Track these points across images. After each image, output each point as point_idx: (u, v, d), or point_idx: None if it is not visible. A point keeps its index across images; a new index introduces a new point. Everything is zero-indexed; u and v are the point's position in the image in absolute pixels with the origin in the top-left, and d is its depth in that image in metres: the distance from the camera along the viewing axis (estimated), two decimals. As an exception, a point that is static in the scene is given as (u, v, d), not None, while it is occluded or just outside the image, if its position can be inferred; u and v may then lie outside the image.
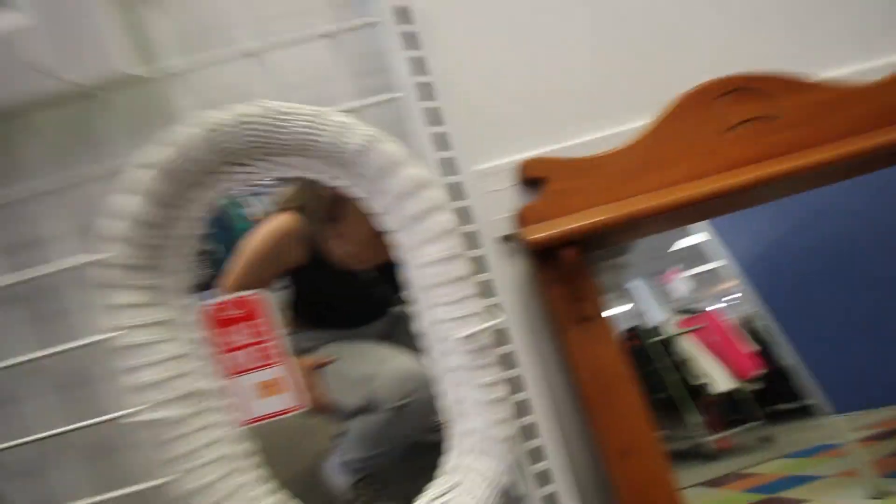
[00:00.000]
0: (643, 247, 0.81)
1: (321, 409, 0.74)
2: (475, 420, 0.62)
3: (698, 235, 0.81)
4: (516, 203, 0.74)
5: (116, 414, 0.66)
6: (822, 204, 0.73)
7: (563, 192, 0.72)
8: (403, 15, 0.63)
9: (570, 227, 0.63)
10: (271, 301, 0.62)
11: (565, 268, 0.65)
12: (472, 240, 0.64)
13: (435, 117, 0.63)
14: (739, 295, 0.71)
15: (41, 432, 0.67)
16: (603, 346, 0.68)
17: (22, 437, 0.66)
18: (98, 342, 0.66)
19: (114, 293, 0.56)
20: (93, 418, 0.67)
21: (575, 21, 0.80)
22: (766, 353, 0.69)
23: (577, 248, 0.65)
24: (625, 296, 0.72)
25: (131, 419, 0.58)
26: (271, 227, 0.86)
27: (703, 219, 0.73)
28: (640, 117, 0.78)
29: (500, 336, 0.63)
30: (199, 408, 0.61)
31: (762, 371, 0.69)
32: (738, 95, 0.76)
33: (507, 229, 0.72)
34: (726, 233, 0.76)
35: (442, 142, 0.63)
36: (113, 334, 0.57)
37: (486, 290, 0.63)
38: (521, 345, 0.66)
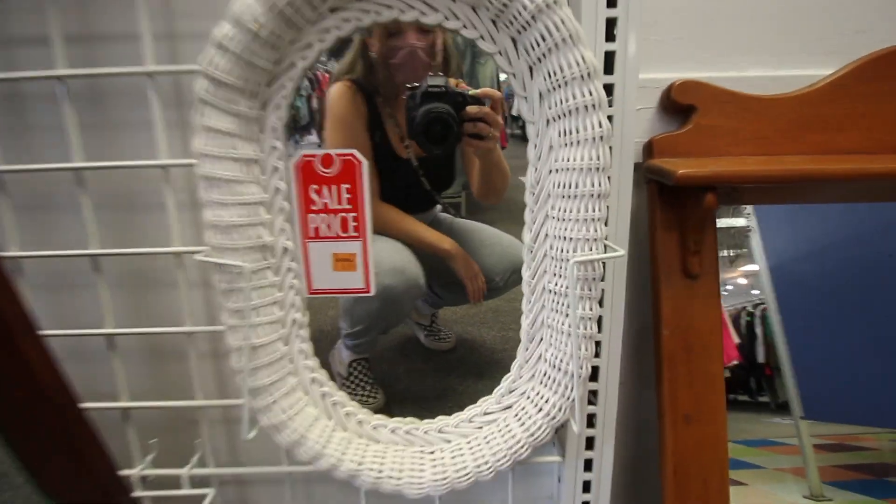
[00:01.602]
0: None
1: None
2: (550, 349, 0.58)
3: (739, 219, 0.74)
4: (654, 128, 0.65)
5: (172, 249, 0.62)
6: (878, 220, 0.67)
7: (712, 130, 0.63)
8: None
9: (728, 169, 0.55)
10: (366, 168, 0.55)
11: (700, 214, 0.59)
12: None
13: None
14: (748, 283, 0.68)
15: (76, 249, 0.64)
16: (702, 308, 0.63)
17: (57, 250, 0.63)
18: (170, 166, 0.60)
19: (208, 112, 0.49)
20: (134, 247, 0.64)
21: None
22: (749, 347, 0.67)
23: (717, 194, 0.57)
24: (738, 261, 0.66)
25: (194, 256, 0.54)
26: (337, 93, 0.82)
27: (858, 200, 0.65)
28: (818, 66, 0.66)
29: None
30: (268, 263, 0.57)
31: (735, 362, 0.68)
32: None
33: (636, 156, 0.64)
34: (767, 221, 0.69)
35: (610, 32, 0.53)
36: (196, 161, 0.51)
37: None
38: (612, 282, 0.61)
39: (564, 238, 0.53)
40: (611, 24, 0.54)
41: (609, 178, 0.51)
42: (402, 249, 0.96)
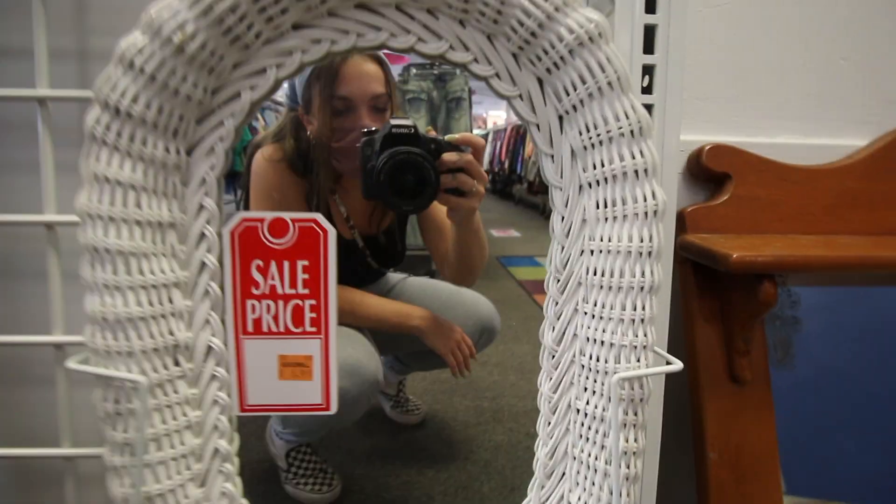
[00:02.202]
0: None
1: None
2: (577, 490, 0.43)
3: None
4: (680, 197, 0.55)
5: (51, 339, 0.44)
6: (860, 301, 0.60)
7: (752, 202, 0.53)
8: None
9: (795, 254, 0.45)
10: (333, 239, 0.40)
11: (753, 307, 0.47)
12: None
13: (648, 47, 0.42)
14: None
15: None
16: (754, 423, 0.51)
17: None
18: (56, 224, 0.43)
19: (103, 154, 0.33)
20: (4, 331, 0.45)
21: (807, 9, 0.59)
22: None
23: (773, 282, 0.46)
24: (789, 361, 0.54)
25: (70, 364, 0.36)
26: (268, 168, 0.70)
27: None
28: (850, 136, 0.60)
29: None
30: (182, 371, 0.40)
31: None
32: None
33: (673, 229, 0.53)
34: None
35: (646, 84, 0.43)
36: (77, 219, 0.34)
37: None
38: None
39: (601, 343, 0.40)
40: (646, 71, 0.44)
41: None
42: (354, 337, 0.80)
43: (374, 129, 0.51)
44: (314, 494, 0.86)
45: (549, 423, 0.44)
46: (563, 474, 0.44)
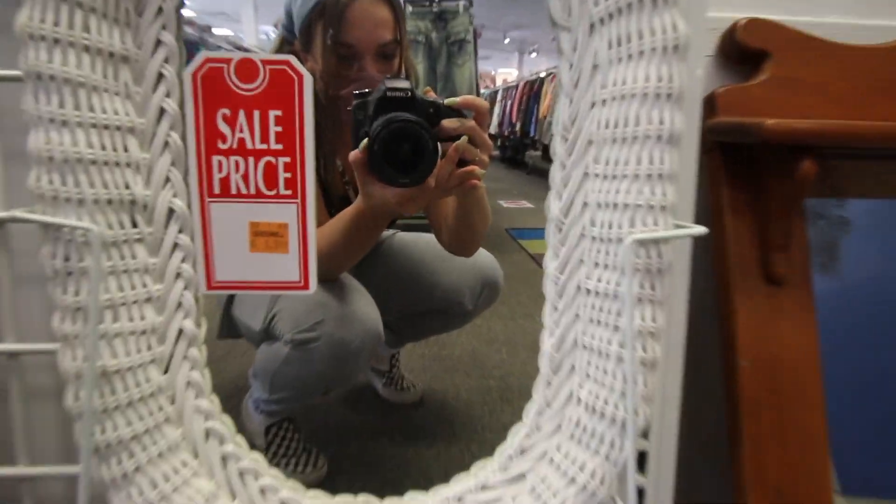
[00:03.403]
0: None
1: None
2: (588, 384, 0.39)
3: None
4: (713, 81, 0.50)
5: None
6: None
7: (793, 83, 0.48)
8: None
9: (840, 124, 0.40)
10: (309, 85, 0.36)
11: (790, 191, 0.42)
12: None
13: None
14: None
15: None
16: (792, 329, 0.46)
17: None
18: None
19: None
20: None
21: None
22: None
23: (814, 159, 0.41)
24: (835, 267, 0.49)
25: (16, 212, 0.33)
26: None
27: None
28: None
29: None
30: (139, 233, 0.37)
31: None
32: None
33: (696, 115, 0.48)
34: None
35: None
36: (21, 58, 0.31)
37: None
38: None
39: (614, 206, 0.36)
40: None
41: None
42: (351, 286, 0.75)
43: (366, 90, 0.47)
44: (297, 475, 0.81)
45: (556, 309, 0.40)
46: (572, 368, 0.40)
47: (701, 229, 0.35)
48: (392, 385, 1.06)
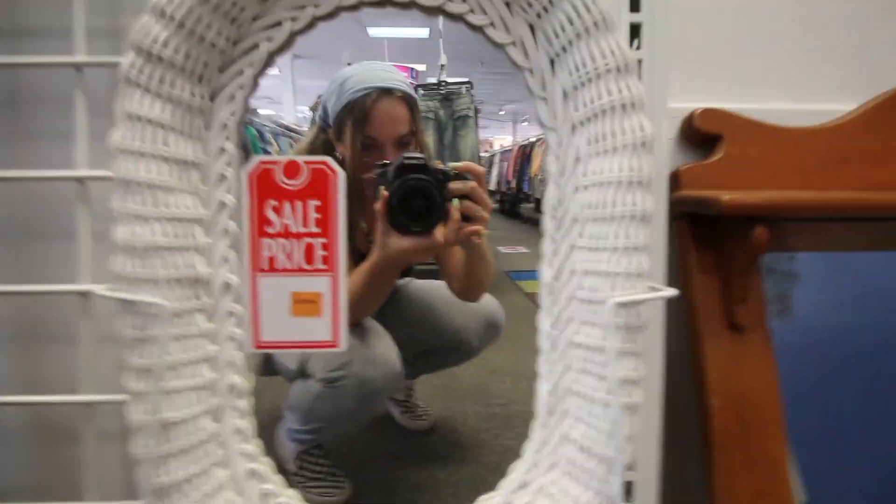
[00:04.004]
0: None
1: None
2: (579, 426, 0.45)
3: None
4: (675, 160, 0.58)
5: (75, 287, 0.47)
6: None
7: (745, 161, 0.56)
8: None
9: (787, 197, 0.47)
10: (343, 181, 0.44)
11: (747, 253, 0.49)
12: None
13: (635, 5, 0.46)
14: None
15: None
16: (755, 370, 0.52)
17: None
18: (86, 178, 0.47)
19: (135, 95, 0.37)
20: (32, 283, 0.49)
21: None
22: None
23: (765, 226, 0.49)
24: (788, 313, 0.56)
25: (99, 290, 0.39)
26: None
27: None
28: (840, 101, 0.62)
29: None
30: (201, 304, 0.43)
31: None
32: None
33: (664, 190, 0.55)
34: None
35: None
36: (107, 174, 0.38)
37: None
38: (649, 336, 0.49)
39: (598, 273, 0.42)
40: (634, 30, 0.48)
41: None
42: (375, 331, 0.83)
43: (388, 161, 0.56)
44: (325, 497, 0.86)
45: (550, 361, 0.45)
46: (566, 412, 0.46)
47: (672, 292, 0.41)
48: (408, 413, 1.13)
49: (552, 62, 0.42)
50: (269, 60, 0.42)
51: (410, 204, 0.53)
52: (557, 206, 0.44)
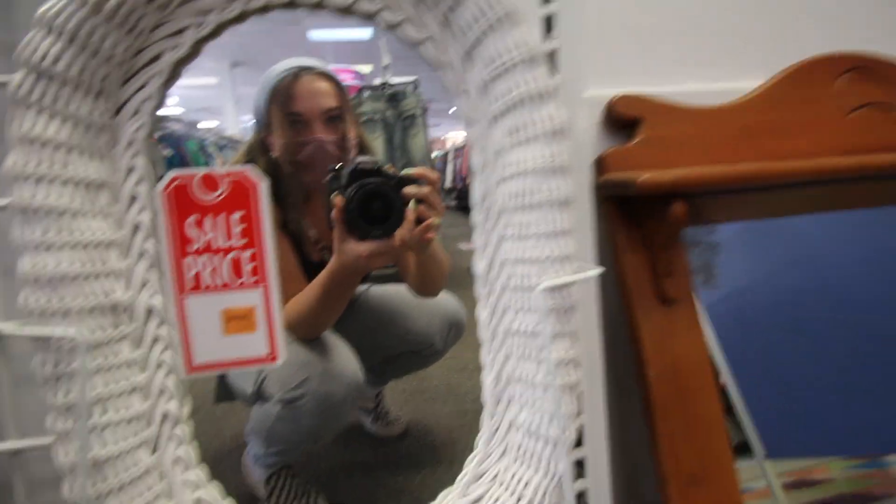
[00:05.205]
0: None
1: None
2: (524, 411, 0.45)
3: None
4: (600, 146, 0.59)
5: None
6: (810, 246, 0.66)
7: (662, 141, 0.58)
8: None
9: (695, 172, 0.49)
10: (265, 190, 0.42)
11: (668, 229, 0.51)
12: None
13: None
14: None
15: None
16: (686, 339, 0.54)
17: None
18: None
19: (29, 116, 0.34)
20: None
21: None
22: None
23: (682, 201, 0.50)
24: (713, 282, 0.58)
25: (5, 328, 0.36)
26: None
27: (822, 209, 0.61)
28: (749, 78, 0.66)
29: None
30: (122, 332, 0.40)
31: None
32: (858, 75, 0.65)
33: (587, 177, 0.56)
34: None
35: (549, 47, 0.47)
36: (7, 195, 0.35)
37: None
38: (582, 314, 0.50)
39: (526, 261, 0.42)
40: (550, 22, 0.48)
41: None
42: (332, 343, 0.80)
43: (338, 166, 0.54)
44: None
45: (490, 351, 0.45)
46: (510, 400, 0.46)
47: (596, 271, 0.42)
48: (379, 420, 1.11)
49: (466, 56, 0.42)
50: (175, 70, 0.40)
51: (370, 207, 0.51)
52: (483, 199, 0.44)
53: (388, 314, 0.94)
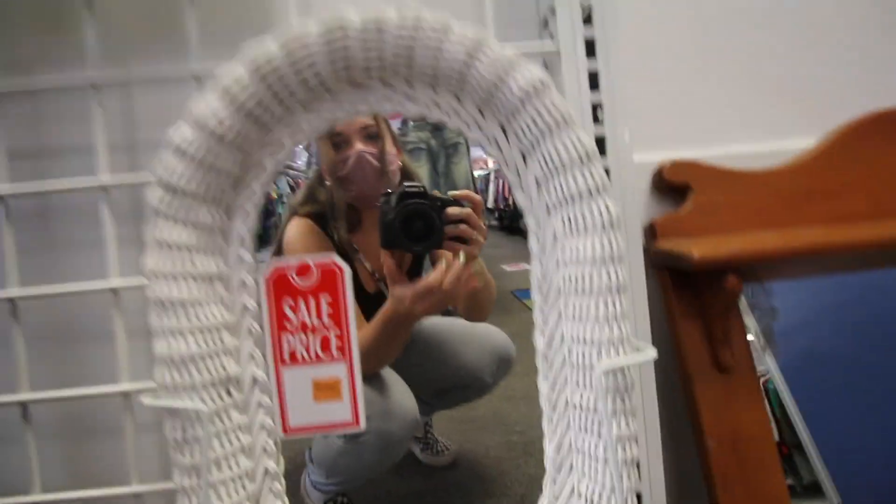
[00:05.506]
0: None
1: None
2: (584, 480, 0.47)
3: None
4: (650, 210, 0.62)
5: (119, 388, 0.52)
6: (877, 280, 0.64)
7: (713, 207, 0.59)
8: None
9: (749, 248, 0.50)
10: (349, 277, 0.48)
11: (725, 299, 0.52)
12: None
13: (595, 84, 0.51)
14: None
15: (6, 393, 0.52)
16: (745, 408, 0.54)
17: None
18: (121, 288, 0.52)
19: (163, 224, 0.42)
20: (75, 386, 0.53)
21: (747, 26, 0.67)
22: None
23: (739, 276, 0.52)
24: (773, 346, 0.58)
25: (144, 400, 0.43)
26: (299, 228, 0.78)
27: (875, 267, 0.61)
28: (799, 137, 0.66)
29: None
30: (234, 401, 0.47)
31: None
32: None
33: (640, 239, 0.59)
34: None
35: (596, 116, 0.51)
36: (138, 282, 0.43)
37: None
38: (641, 389, 0.52)
39: (584, 341, 0.45)
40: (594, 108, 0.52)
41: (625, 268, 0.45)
42: (390, 380, 0.85)
43: (390, 191, 0.61)
44: None
45: (552, 421, 0.49)
46: (571, 467, 0.48)
47: (652, 354, 0.44)
48: (429, 449, 1.15)
49: (524, 155, 0.46)
50: (275, 175, 0.46)
51: (412, 226, 0.56)
52: (542, 281, 0.48)
53: (439, 349, 0.99)
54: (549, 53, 0.53)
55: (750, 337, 0.59)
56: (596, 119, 0.53)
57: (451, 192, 0.60)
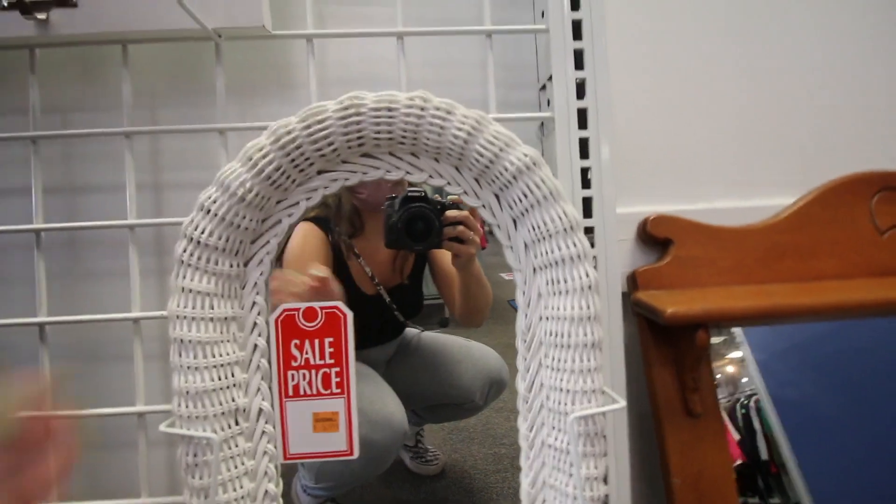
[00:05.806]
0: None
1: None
2: (557, 512, 0.52)
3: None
4: (635, 258, 0.66)
5: (135, 409, 0.56)
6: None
7: (692, 261, 0.64)
8: (577, 29, 0.56)
9: (717, 307, 0.55)
10: (351, 321, 0.52)
11: (695, 352, 0.57)
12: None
13: (585, 150, 0.55)
14: (736, 372, 0.64)
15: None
16: (710, 450, 0.59)
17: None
18: (142, 318, 0.57)
19: (187, 273, 0.47)
20: (95, 405, 0.58)
21: (733, 86, 0.72)
22: (750, 443, 0.62)
23: (706, 330, 0.56)
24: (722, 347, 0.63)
25: (162, 427, 0.48)
26: (302, 232, 0.82)
27: (834, 319, 0.65)
28: (781, 195, 0.70)
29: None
30: (241, 429, 0.51)
31: (739, 462, 0.62)
32: (892, 194, 0.68)
33: (620, 288, 0.63)
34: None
35: (585, 178, 0.55)
36: (158, 315, 0.48)
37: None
38: (614, 431, 0.57)
39: (561, 389, 0.50)
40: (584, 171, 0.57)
41: (601, 324, 0.49)
42: (381, 389, 0.89)
43: (394, 195, 0.66)
44: None
45: (528, 458, 0.53)
46: (544, 501, 0.53)
47: (621, 404, 0.49)
48: (418, 458, 1.19)
49: (515, 221, 0.51)
50: (288, 231, 0.51)
51: (414, 227, 0.62)
52: (526, 332, 0.52)
53: (434, 366, 1.02)
54: (547, 119, 0.57)
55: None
56: (585, 180, 0.57)
57: (450, 196, 0.65)
